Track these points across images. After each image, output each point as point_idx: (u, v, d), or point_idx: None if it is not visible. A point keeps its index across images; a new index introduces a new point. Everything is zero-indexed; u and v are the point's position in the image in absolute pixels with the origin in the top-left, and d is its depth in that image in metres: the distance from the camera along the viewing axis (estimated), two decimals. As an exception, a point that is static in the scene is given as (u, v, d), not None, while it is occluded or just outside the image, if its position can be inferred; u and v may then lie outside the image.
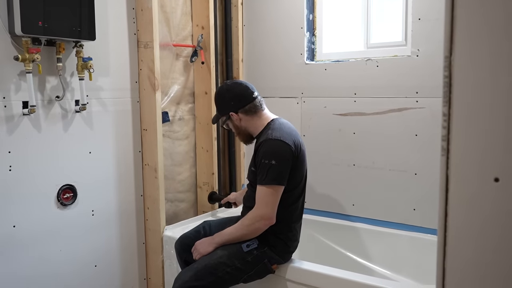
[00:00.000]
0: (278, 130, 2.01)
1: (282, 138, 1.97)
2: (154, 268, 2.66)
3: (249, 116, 2.10)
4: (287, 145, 1.95)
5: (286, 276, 2.09)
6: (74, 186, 2.31)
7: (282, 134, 1.98)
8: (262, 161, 1.95)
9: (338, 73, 2.70)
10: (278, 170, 1.93)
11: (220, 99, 2.17)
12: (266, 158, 1.94)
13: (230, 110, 2.11)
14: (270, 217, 1.95)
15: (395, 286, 1.86)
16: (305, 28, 2.83)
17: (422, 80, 2.40)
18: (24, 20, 1.90)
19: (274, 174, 1.92)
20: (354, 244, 2.65)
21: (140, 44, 2.55)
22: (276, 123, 2.08)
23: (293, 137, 2.01)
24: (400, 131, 2.50)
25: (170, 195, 2.81)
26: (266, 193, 1.94)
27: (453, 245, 0.72)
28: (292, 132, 2.05)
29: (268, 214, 1.94)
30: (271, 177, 1.92)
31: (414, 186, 2.48)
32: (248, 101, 2.09)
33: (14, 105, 2.04)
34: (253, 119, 2.11)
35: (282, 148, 1.95)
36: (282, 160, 1.94)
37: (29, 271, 2.15)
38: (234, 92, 2.12)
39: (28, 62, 1.97)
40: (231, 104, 2.11)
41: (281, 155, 1.94)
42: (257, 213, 1.96)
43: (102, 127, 2.42)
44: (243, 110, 2.09)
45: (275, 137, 1.97)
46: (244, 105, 2.09)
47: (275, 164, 1.92)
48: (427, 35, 2.36)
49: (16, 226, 2.08)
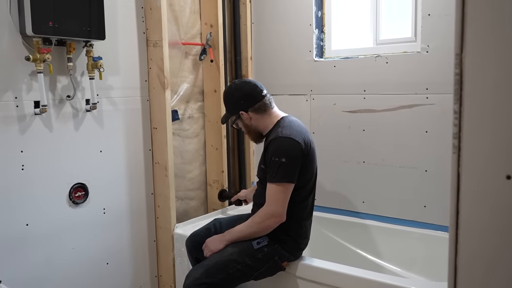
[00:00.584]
0: (288, 128, 2.02)
1: (292, 136, 1.97)
2: (165, 265, 2.68)
3: (259, 115, 2.11)
4: (297, 143, 1.96)
5: (296, 274, 2.09)
6: (86, 184, 2.33)
7: (292, 132, 1.99)
8: (272, 159, 1.95)
9: (347, 70, 2.70)
10: (288, 167, 1.93)
11: (230, 98, 2.16)
12: (276, 156, 1.94)
13: (240, 109, 2.11)
14: (280, 215, 1.95)
15: (406, 283, 1.85)
16: (313, 25, 2.82)
17: (432, 77, 2.39)
18: (35, 20, 1.92)
19: (284, 171, 1.93)
20: (364, 242, 2.65)
21: (150, 43, 2.56)
22: (286, 121, 2.08)
23: (303, 134, 2.01)
24: (410, 127, 2.49)
25: (180, 193, 2.83)
26: (276, 190, 1.94)
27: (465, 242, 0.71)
28: (302, 129, 2.05)
29: (278, 211, 1.95)
30: (281, 175, 1.93)
31: (424, 183, 2.47)
32: (258, 100, 2.09)
33: (26, 105, 2.06)
34: (263, 118, 2.11)
35: (292, 145, 1.95)
36: (292, 157, 1.94)
37: (42, 268, 2.17)
38: (243, 91, 2.12)
39: (39, 62, 1.99)
40: (240, 103, 2.11)
41: (291, 153, 1.94)
42: (268, 211, 1.96)
43: (112, 126, 2.44)
44: (253, 108, 2.09)
45: (285, 135, 1.97)
46: (254, 104, 2.09)
47: (285, 161, 1.92)
48: (437, 31, 2.34)
49: (29, 224, 2.11)
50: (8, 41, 1.98)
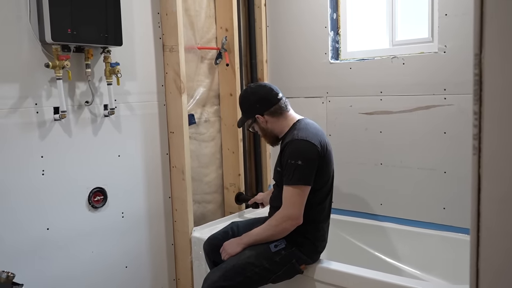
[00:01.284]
0: (304, 130, 2.01)
1: (308, 138, 1.96)
2: (183, 269, 2.70)
3: (275, 118, 2.11)
4: (313, 145, 1.95)
5: (314, 277, 2.08)
6: (104, 189, 2.36)
7: (308, 134, 1.98)
8: (288, 162, 1.95)
9: (363, 71, 2.68)
10: (305, 170, 1.93)
11: (246, 102, 2.17)
12: (293, 159, 1.94)
13: (256, 113, 2.12)
14: (297, 217, 1.95)
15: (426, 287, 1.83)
16: (329, 27, 2.81)
17: (450, 77, 2.36)
18: (54, 28, 1.96)
19: (301, 174, 1.92)
20: (382, 244, 2.63)
21: (166, 48, 2.58)
22: (302, 123, 2.08)
23: (319, 137, 2.01)
24: (428, 129, 2.46)
25: (198, 196, 2.84)
26: (293, 193, 1.94)
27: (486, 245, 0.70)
28: (318, 132, 2.05)
29: (295, 214, 1.94)
30: (298, 177, 1.92)
31: (443, 185, 2.43)
32: (274, 103, 2.09)
33: (45, 111, 2.10)
34: (279, 121, 2.11)
35: (308, 148, 1.95)
36: (308, 160, 1.94)
37: (63, 271, 2.20)
38: (259, 94, 2.12)
39: (58, 69, 2.03)
40: (256, 106, 2.11)
41: (307, 155, 1.94)
42: (284, 214, 1.96)
43: (130, 131, 2.47)
44: (269, 112, 2.10)
45: (301, 137, 1.97)
46: (269, 107, 2.09)
47: (301, 164, 1.92)
48: (454, 30, 2.32)
49: (49, 228, 2.14)
50: (28, 48, 2.02)
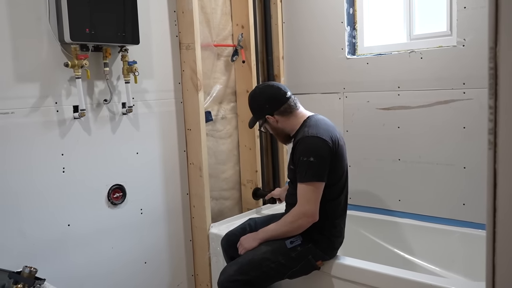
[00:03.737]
0: (314, 127, 2.01)
1: (319, 134, 1.96)
2: (201, 264, 2.72)
3: (285, 117, 2.10)
4: (324, 141, 1.95)
5: (331, 273, 2.08)
6: (123, 186, 2.39)
7: (319, 131, 1.98)
8: (301, 159, 1.95)
9: (380, 66, 2.66)
10: (317, 166, 1.93)
11: (255, 103, 2.17)
12: (304, 156, 1.94)
13: (266, 113, 2.12)
14: (313, 214, 1.95)
15: (445, 283, 1.81)
16: (345, 22, 2.80)
17: (469, 71, 2.32)
18: (73, 28, 1.99)
19: (313, 170, 1.93)
20: (401, 240, 2.60)
21: (182, 46, 2.60)
22: (312, 120, 2.08)
23: (330, 132, 2.00)
24: (447, 124, 2.43)
25: (215, 193, 2.86)
26: (307, 190, 1.94)
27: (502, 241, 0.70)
28: (329, 127, 2.04)
29: (310, 211, 1.94)
30: (311, 174, 1.93)
31: (463, 180, 2.40)
32: (283, 102, 2.09)
33: (65, 109, 2.14)
34: (289, 119, 2.11)
35: (319, 144, 1.95)
36: (320, 156, 1.93)
37: (83, 267, 2.25)
38: (267, 94, 2.12)
39: (77, 68, 2.06)
40: (266, 107, 2.11)
41: (318, 152, 1.93)
42: (300, 210, 1.96)
43: (148, 128, 2.50)
44: (279, 111, 2.10)
45: (311, 134, 1.97)
46: (279, 107, 2.09)
47: (313, 160, 1.92)
48: (473, 24, 2.28)
49: (70, 225, 2.19)
50: (48, 48, 2.06)
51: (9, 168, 1.97)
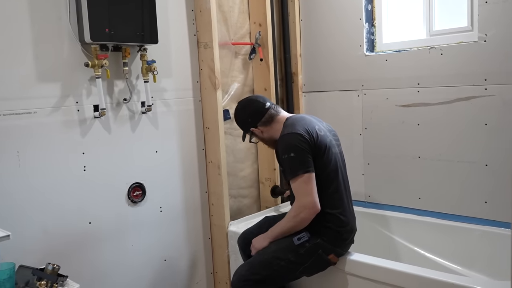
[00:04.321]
0: (289, 126, 2.08)
1: (293, 130, 2.02)
2: (220, 262, 2.73)
3: (268, 126, 2.19)
4: (298, 135, 2.00)
5: (346, 270, 2.07)
6: (143, 184, 2.41)
7: (293, 127, 2.04)
8: (283, 157, 2.02)
9: (399, 63, 2.63)
10: (299, 158, 1.98)
11: (239, 119, 2.29)
12: (285, 153, 2.01)
13: (250, 126, 2.22)
14: (313, 205, 1.97)
15: (466, 282, 1.78)
16: (363, 19, 2.77)
17: (491, 67, 2.28)
18: (93, 28, 2.02)
19: (297, 163, 1.98)
20: (421, 239, 2.58)
21: (200, 45, 2.61)
22: (289, 120, 2.15)
23: (306, 125, 2.05)
24: (468, 120, 2.39)
25: (234, 191, 2.87)
26: (298, 183, 1.98)
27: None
28: (306, 122, 2.08)
29: (309, 202, 1.97)
30: (296, 168, 1.98)
31: (485, 178, 2.36)
32: (263, 113, 2.18)
33: (86, 109, 2.17)
34: (272, 127, 2.19)
35: (294, 138, 2.00)
36: (298, 149, 1.98)
37: (104, 264, 2.28)
38: (248, 109, 2.23)
39: (97, 68, 2.09)
40: (248, 121, 2.22)
41: (295, 145, 1.99)
42: (299, 204, 1.99)
43: (167, 127, 2.51)
44: (261, 122, 2.19)
45: (286, 133, 2.05)
46: (260, 118, 2.18)
47: (294, 155, 1.98)
48: (495, 19, 2.23)
49: (92, 222, 2.22)
50: (69, 49, 2.09)
51: (31, 167, 2.00)
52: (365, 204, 2.86)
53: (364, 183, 2.86)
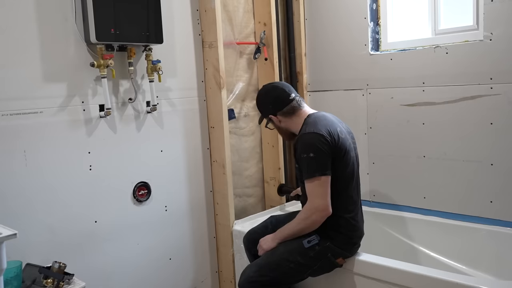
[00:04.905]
0: (312, 124, 2.03)
1: (315, 130, 1.98)
2: (225, 261, 2.74)
3: (288, 117, 2.14)
4: (320, 135, 1.96)
5: (354, 270, 2.07)
6: (148, 183, 2.42)
7: (316, 127, 2.00)
8: (302, 156, 1.98)
9: (404, 62, 2.62)
10: (318, 160, 1.95)
11: (260, 103, 2.25)
12: (304, 152, 1.97)
13: (269, 113, 2.18)
14: (325, 208, 1.95)
15: (472, 282, 1.78)
16: (368, 18, 2.77)
17: (496, 65, 2.27)
18: (98, 28, 2.03)
19: (316, 165, 1.95)
20: (426, 238, 2.57)
21: (205, 44, 2.62)
22: (311, 117, 2.10)
23: (328, 126, 2.01)
24: (474, 120, 2.38)
25: (238, 190, 2.88)
26: (314, 185, 1.96)
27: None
28: (328, 122, 2.04)
29: (322, 204, 1.95)
30: (313, 169, 1.95)
31: (490, 177, 2.36)
32: (286, 104, 2.12)
33: (91, 108, 2.18)
34: (292, 119, 2.14)
35: (316, 139, 1.96)
36: (319, 150, 1.94)
37: (110, 263, 2.29)
38: (271, 96, 2.17)
39: (103, 68, 2.10)
40: (269, 107, 2.17)
41: (317, 146, 1.95)
42: (311, 206, 1.97)
43: (172, 126, 2.52)
44: (282, 112, 2.14)
45: (308, 131, 2.00)
46: (282, 108, 2.13)
47: (313, 156, 1.94)
48: (501, 17, 2.23)
49: (97, 221, 2.23)
50: (75, 49, 2.10)
51: (38, 166, 2.02)
52: (370, 203, 2.86)
53: (369, 182, 2.86)
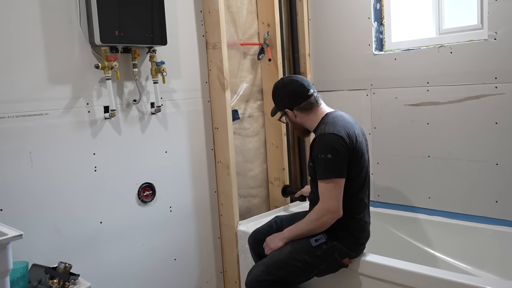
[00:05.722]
0: (331, 124, 2.01)
1: (335, 131, 1.96)
2: (229, 262, 2.75)
3: (305, 113, 2.11)
4: (340, 137, 1.94)
5: (359, 270, 2.07)
6: (153, 184, 2.43)
7: (335, 127, 1.98)
8: (319, 156, 1.96)
9: (408, 62, 2.62)
10: (335, 162, 1.93)
11: (277, 95, 2.20)
12: (322, 153, 1.95)
13: (285, 107, 2.14)
14: (336, 210, 1.95)
15: (477, 282, 1.77)
16: (372, 18, 2.76)
17: (501, 65, 2.27)
18: (103, 30, 2.04)
19: (332, 167, 1.93)
20: (431, 238, 2.56)
21: (209, 45, 2.63)
22: (330, 117, 2.07)
23: (347, 129, 1.99)
24: (478, 119, 2.37)
25: (243, 191, 2.88)
26: (328, 187, 1.95)
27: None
28: (347, 124, 2.03)
29: (334, 207, 1.95)
30: (330, 171, 1.93)
31: (495, 177, 2.35)
32: (304, 99, 2.09)
33: (96, 110, 2.19)
34: (309, 115, 2.11)
35: (335, 140, 1.94)
36: (337, 152, 1.93)
37: (115, 263, 2.30)
38: (289, 89, 2.13)
39: (107, 70, 2.11)
40: (286, 101, 2.13)
41: (335, 148, 1.93)
42: (323, 207, 1.97)
43: (176, 127, 2.53)
44: (299, 107, 2.10)
45: (328, 131, 1.97)
46: (299, 103, 2.09)
47: (331, 157, 1.92)
48: (505, 16, 2.22)
49: (102, 222, 2.24)
50: (79, 51, 2.12)
51: (44, 167, 2.03)
52: (375, 203, 2.85)
53: (373, 183, 2.85)
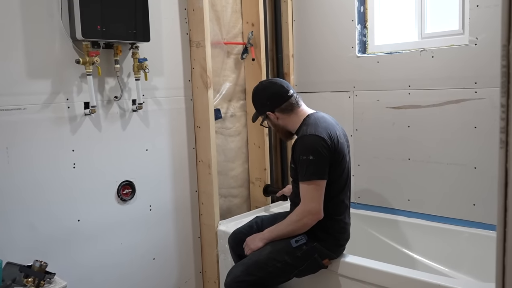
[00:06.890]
0: (313, 125, 2.01)
1: (317, 132, 1.96)
2: (209, 261, 2.73)
3: (286, 114, 2.12)
4: (322, 139, 1.95)
5: (338, 271, 2.08)
6: (133, 182, 2.40)
7: (317, 129, 1.98)
8: (300, 158, 1.96)
9: (391, 65, 2.64)
10: (317, 164, 1.93)
11: (256, 99, 2.20)
12: (303, 154, 1.95)
13: (267, 110, 2.14)
14: (317, 212, 1.95)
15: (453, 283, 1.80)
16: (356, 21, 2.78)
17: (481, 70, 2.30)
18: (84, 25, 2.00)
19: (314, 168, 1.93)
20: (410, 240, 2.59)
21: (192, 44, 2.61)
22: (311, 118, 2.08)
23: (329, 130, 2.00)
24: (458, 123, 2.41)
25: (224, 190, 2.87)
26: (309, 188, 1.95)
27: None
28: (328, 125, 2.03)
29: (315, 208, 1.95)
30: (311, 172, 1.94)
31: (473, 181, 2.38)
32: (284, 100, 2.10)
33: (76, 106, 2.15)
34: (290, 117, 2.12)
35: (317, 142, 1.94)
36: (319, 154, 1.93)
37: (93, 262, 2.27)
38: (269, 91, 2.14)
39: (88, 65, 2.07)
40: (267, 104, 2.13)
41: (317, 149, 1.93)
42: (304, 209, 1.97)
43: (157, 125, 2.51)
44: (280, 109, 2.11)
45: (309, 133, 1.98)
46: (280, 104, 2.10)
47: (312, 159, 1.93)
48: (486, 22, 2.26)
49: (80, 220, 2.20)
50: (60, 45, 2.08)
51: (20, 163, 1.99)
52: (355, 205, 2.87)
53: (354, 184, 2.86)
